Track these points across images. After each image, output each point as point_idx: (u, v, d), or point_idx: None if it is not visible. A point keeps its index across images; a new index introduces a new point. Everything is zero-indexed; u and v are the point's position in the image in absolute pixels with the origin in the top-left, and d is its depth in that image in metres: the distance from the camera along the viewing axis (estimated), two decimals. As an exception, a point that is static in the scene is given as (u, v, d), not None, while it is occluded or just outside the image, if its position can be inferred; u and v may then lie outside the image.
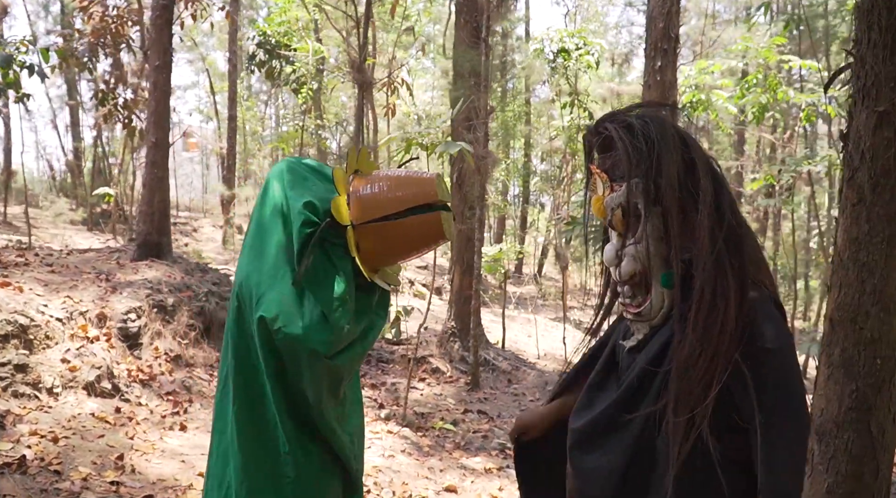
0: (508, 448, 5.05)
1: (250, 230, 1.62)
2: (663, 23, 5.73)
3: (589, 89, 14.12)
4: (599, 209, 1.52)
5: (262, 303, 1.49)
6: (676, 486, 1.32)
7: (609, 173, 1.52)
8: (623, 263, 1.51)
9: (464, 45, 6.55)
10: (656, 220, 1.48)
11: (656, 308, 1.51)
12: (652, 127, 1.47)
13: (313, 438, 1.62)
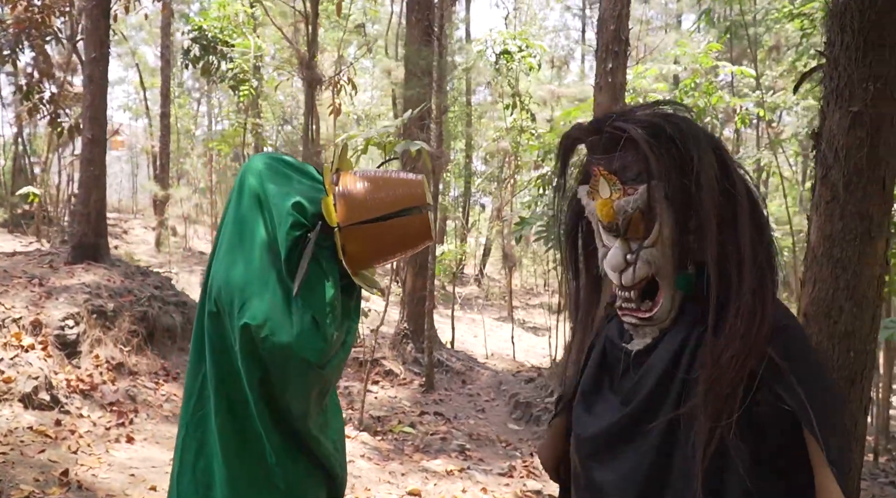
0: (468, 449, 5.02)
1: (226, 231, 1.51)
2: (614, 25, 5.83)
3: (530, 91, 14.29)
4: (607, 212, 1.46)
5: (247, 309, 1.39)
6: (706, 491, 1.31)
7: (619, 175, 1.48)
8: (634, 268, 1.46)
9: (416, 43, 6.49)
10: (672, 223, 1.44)
11: (666, 311, 1.49)
12: (683, 127, 1.43)
13: (299, 448, 1.54)
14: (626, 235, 1.47)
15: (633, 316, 1.52)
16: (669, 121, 1.43)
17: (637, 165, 1.43)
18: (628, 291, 1.49)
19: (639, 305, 1.50)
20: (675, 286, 1.48)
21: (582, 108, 8.97)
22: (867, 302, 2.34)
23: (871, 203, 2.31)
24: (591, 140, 1.52)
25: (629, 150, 1.43)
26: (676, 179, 1.40)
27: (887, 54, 2.26)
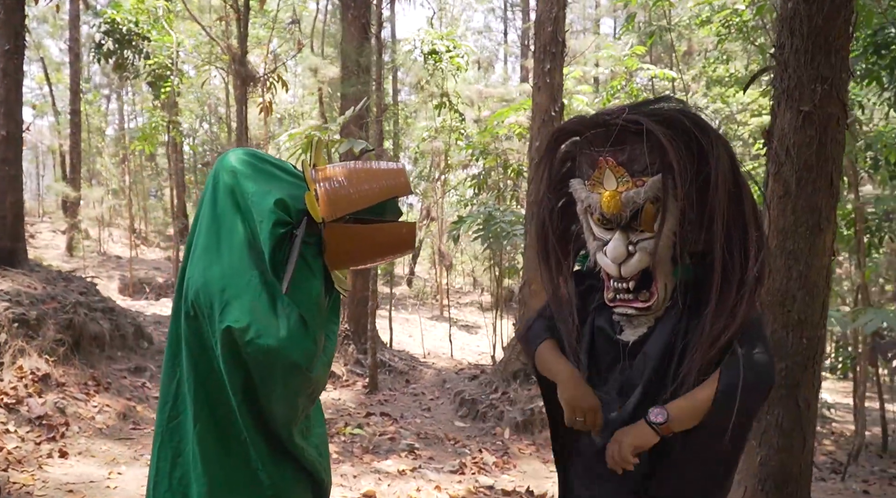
0: (417, 448, 5.01)
1: (202, 231, 1.43)
2: (551, 27, 5.95)
3: (458, 91, 14.38)
4: (614, 204, 1.50)
5: (229, 312, 1.32)
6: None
7: (627, 167, 1.51)
8: (635, 259, 1.51)
9: (354, 40, 6.41)
10: (678, 214, 1.49)
11: (661, 301, 1.54)
12: (699, 121, 1.48)
13: (284, 454, 1.49)
14: (629, 227, 1.51)
15: (630, 307, 1.56)
16: (686, 114, 1.47)
17: (645, 157, 1.47)
18: (625, 282, 1.53)
19: (636, 296, 1.55)
20: (672, 276, 1.54)
21: (514, 108, 9.13)
22: (818, 291, 2.50)
23: (820, 197, 2.46)
24: (594, 133, 1.56)
25: (638, 142, 1.47)
26: (690, 172, 1.45)
27: (833, 58, 2.41)
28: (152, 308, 10.75)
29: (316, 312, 1.44)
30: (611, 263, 1.52)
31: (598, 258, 1.57)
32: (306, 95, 21.40)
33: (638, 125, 1.45)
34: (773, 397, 2.53)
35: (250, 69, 6.30)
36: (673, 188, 1.44)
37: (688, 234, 1.50)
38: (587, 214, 1.58)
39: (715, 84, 14.67)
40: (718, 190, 1.43)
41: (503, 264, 9.37)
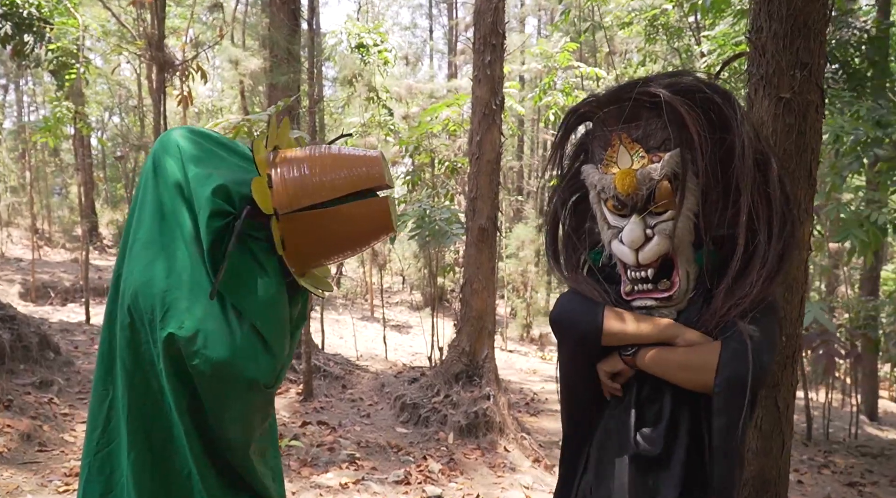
0: (358, 458, 4.73)
1: (142, 223, 1.20)
2: (491, 18, 5.79)
3: (386, 86, 14.11)
4: (629, 183, 1.35)
5: (172, 317, 1.12)
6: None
7: (642, 143, 1.36)
8: (652, 243, 1.36)
9: (285, 27, 6.02)
10: (698, 193, 1.36)
11: (683, 291, 1.39)
12: (720, 91, 1.36)
13: (235, 485, 1.26)
14: (644, 209, 1.36)
15: (650, 298, 1.41)
16: (703, 82, 1.36)
17: (663, 132, 1.34)
18: (644, 270, 1.40)
19: (655, 286, 1.40)
20: (695, 263, 1.40)
21: (447, 104, 8.94)
22: (797, 286, 2.39)
23: (798, 188, 2.35)
24: (606, 111, 1.41)
25: (653, 117, 1.35)
26: (711, 144, 1.32)
27: (812, 42, 2.31)
28: (58, 314, 9.96)
29: (271, 320, 1.23)
30: (627, 249, 1.39)
31: (614, 247, 1.43)
32: (225, 89, 20.58)
33: (653, 98, 1.33)
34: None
35: (167, 55, 5.82)
36: (692, 163, 1.32)
37: (710, 215, 1.36)
38: (601, 201, 1.44)
39: (637, 84, 15.00)
40: (745, 158, 1.31)
41: (436, 263, 9.19)
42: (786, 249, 1.37)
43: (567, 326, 1.47)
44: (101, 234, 18.34)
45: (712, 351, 1.32)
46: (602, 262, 1.53)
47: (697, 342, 1.35)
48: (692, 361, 1.33)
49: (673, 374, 1.36)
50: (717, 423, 1.32)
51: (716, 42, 7.83)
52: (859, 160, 6.50)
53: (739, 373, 1.29)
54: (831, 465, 6.68)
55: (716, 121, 1.35)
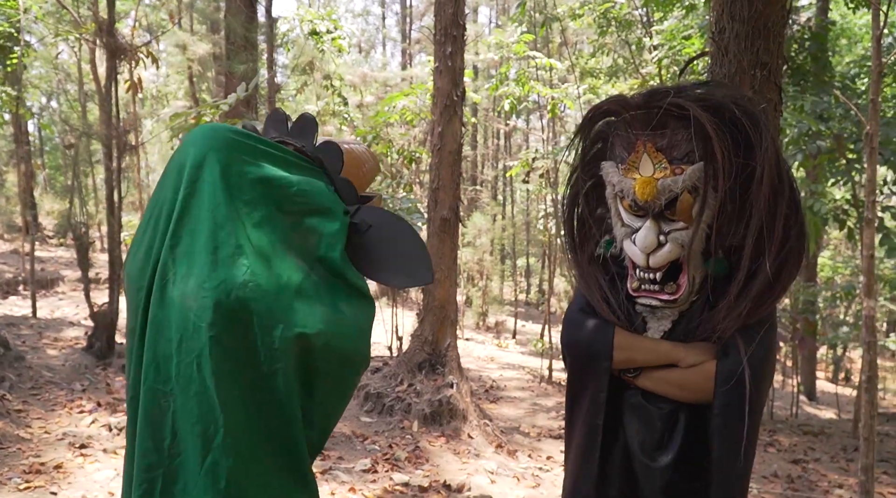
0: (324, 448, 4.74)
1: (223, 223, 1.10)
2: (452, 9, 5.81)
3: (339, 73, 13.97)
4: (650, 191, 1.40)
5: (295, 317, 1.09)
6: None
7: (666, 153, 1.40)
8: (665, 249, 1.41)
9: (242, 13, 5.92)
10: (714, 207, 1.40)
11: (688, 294, 1.46)
12: (749, 110, 1.39)
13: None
14: (660, 215, 1.41)
15: (656, 298, 1.48)
16: (737, 104, 1.39)
17: (688, 144, 1.38)
18: (653, 273, 1.46)
19: (662, 287, 1.46)
20: (703, 269, 1.47)
21: (406, 93, 8.93)
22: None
23: (758, 183, 2.49)
24: (633, 114, 1.44)
25: (680, 128, 1.39)
26: (733, 164, 1.36)
27: (771, 43, 2.44)
28: (0, 308, 9.58)
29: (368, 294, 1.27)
30: (639, 252, 1.44)
31: (626, 246, 1.48)
32: (171, 74, 19.99)
33: (682, 110, 1.36)
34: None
35: (120, 41, 5.65)
36: (714, 179, 1.37)
37: (724, 228, 1.42)
38: (617, 199, 1.49)
39: (587, 75, 15.29)
40: (763, 186, 1.36)
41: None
42: (783, 273, 1.42)
43: (578, 351, 1.54)
44: (41, 224, 17.66)
45: (709, 374, 1.40)
46: (611, 252, 1.58)
47: (697, 363, 1.42)
48: (691, 383, 1.41)
49: (673, 393, 1.44)
50: (715, 444, 1.39)
51: (665, 37, 8.02)
52: (801, 152, 6.80)
53: (736, 396, 1.37)
54: (776, 443, 7.01)
55: (741, 142, 1.38)
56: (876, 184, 4.09)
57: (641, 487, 1.43)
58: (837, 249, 17.60)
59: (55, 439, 4.38)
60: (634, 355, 1.47)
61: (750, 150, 1.39)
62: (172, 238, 1.10)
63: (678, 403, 1.45)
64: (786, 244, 1.42)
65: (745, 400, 1.37)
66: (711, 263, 1.46)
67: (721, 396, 1.39)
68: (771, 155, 1.38)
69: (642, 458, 1.44)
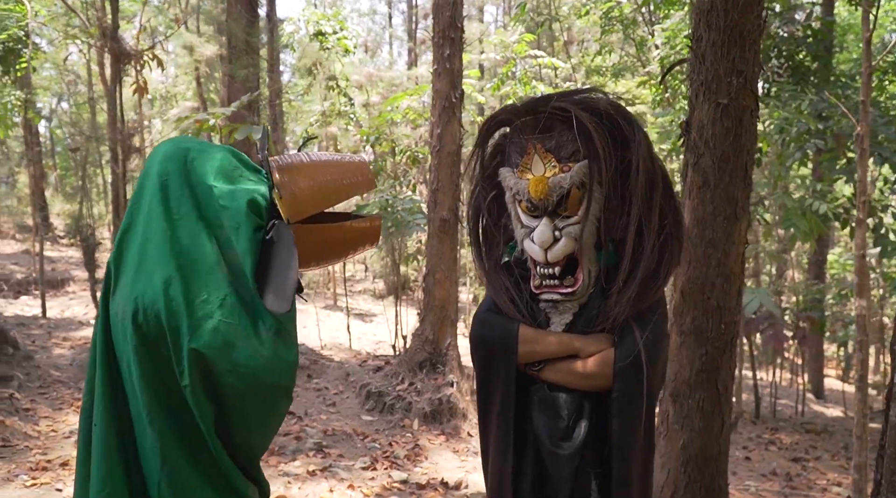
0: (325, 446, 4.84)
1: (150, 237, 1.20)
2: (450, 11, 5.87)
3: (346, 74, 14.04)
4: (542, 189, 1.51)
5: (200, 333, 1.13)
6: None
7: (554, 153, 1.50)
8: (560, 244, 1.52)
9: (242, 18, 6.01)
10: (602, 199, 1.51)
11: (585, 286, 1.55)
12: (621, 109, 1.51)
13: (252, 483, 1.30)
14: (554, 213, 1.51)
15: (556, 292, 1.58)
16: (611, 104, 1.52)
17: (573, 144, 1.51)
18: (552, 268, 1.56)
19: (561, 282, 1.56)
20: (597, 262, 1.58)
21: (409, 93, 8.99)
22: (734, 277, 2.59)
23: (736, 188, 2.54)
24: (524, 120, 1.56)
25: (565, 129, 1.51)
26: (613, 159, 1.48)
27: (747, 51, 2.49)
28: (11, 308, 9.74)
29: (294, 322, 1.29)
30: (538, 248, 1.54)
31: (526, 245, 1.58)
32: (179, 75, 20.14)
33: (566, 113, 1.48)
34: (694, 381, 2.62)
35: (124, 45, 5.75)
36: (598, 174, 1.49)
37: (611, 220, 1.53)
38: (515, 202, 1.61)
39: (593, 73, 15.28)
40: (639, 176, 1.49)
41: (399, 252, 9.27)
42: (664, 258, 1.53)
43: (484, 346, 1.64)
44: (52, 224, 17.89)
45: (608, 360, 1.50)
46: (515, 255, 1.68)
47: (596, 352, 1.53)
48: (591, 371, 1.51)
49: (576, 383, 1.53)
50: (614, 424, 1.49)
51: (668, 35, 8.04)
52: (802, 151, 6.81)
53: (633, 379, 1.48)
54: (777, 441, 7.03)
55: (618, 138, 1.51)
56: (867, 184, 4.12)
57: (551, 476, 1.52)
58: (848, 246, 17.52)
59: (62, 437, 4.49)
60: (537, 348, 1.56)
61: (626, 146, 1.51)
62: (117, 249, 1.20)
63: (583, 393, 1.54)
64: (663, 231, 1.53)
65: (643, 381, 1.47)
66: (603, 254, 1.57)
67: (619, 379, 1.48)
68: (644, 149, 1.50)
69: (551, 447, 1.53)
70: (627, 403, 1.49)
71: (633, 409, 1.49)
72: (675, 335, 2.63)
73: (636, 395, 1.49)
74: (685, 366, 2.61)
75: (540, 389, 1.58)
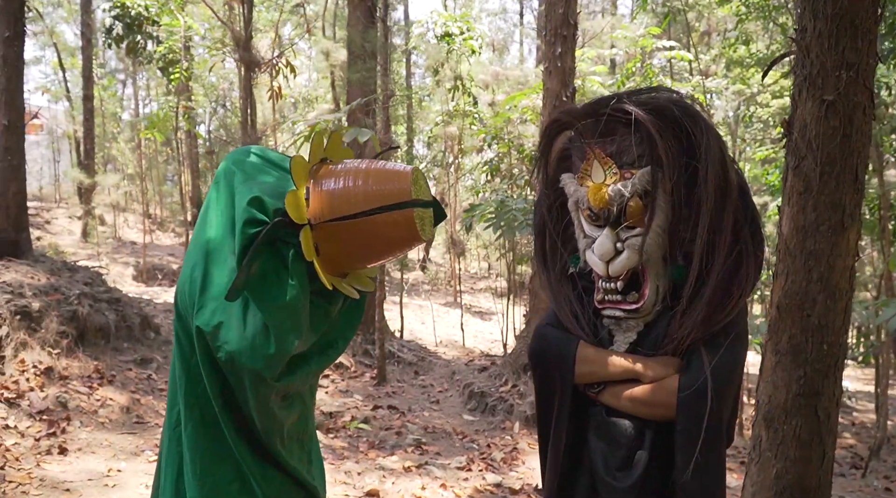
0: (424, 443, 4.91)
1: (194, 235, 1.40)
2: (563, 9, 5.74)
3: (471, 74, 14.15)
4: (601, 198, 1.40)
5: (203, 312, 1.28)
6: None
7: (615, 159, 1.40)
8: (622, 257, 1.40)
9: (360, 24, 6.24)
10: (668, 209, 1.39)
11: (651, 303, 1.43)
12: (691, 112, 1.38)
13: (269, 461, 1.40)
14: (617, 223, 1.41)
15: (619, 308, 1.46)
16: (677, 104, 1.38)
17: (636, 149, 1.38)
18: (614, 282, 1.44)
19: (625, 297, 1.44)
20: (665, 276, 1.45)
21: (527, 92, 8.91)
22: (840, 293, 2.32)
23: (843, 193, 2.28)
24: (584, 124, 1.45)
25: (628, 133, 1.38)
26: (679, 165, 1.35)
27: (859, 41, 2.22)
28: (165, 295, 10.76)
29: (286, 319, 1.33)
30: (598, 260, 1.44)
31: (587, 257, 1.48)
32: (321, 79, 21.28)
33: (627, 115, 1.36)
34: (791, 407, 2.38)
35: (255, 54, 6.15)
36: (662, 182, 1.36)
37: (680, 232, 1.39)
38: (577, 210, 1.50)
39: (735, 65, 14.35)
40: (707, 184, 1.34)
41: (517, 251, 9.22)
42: (738, 275, 1.37)
43: (544, 363, 1.53)
44: (205, 219, 19.49)
45: (671, 388, 1.36)
46: (580, 266, 1.58)
47: (660, 378, 1.39)
48: (653, 399, 1.38)
49: (636, 410, 1.40)
50: (678, 460, 1.35)
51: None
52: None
53: (697, 411, 1.33)
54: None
55: (685, 143, 1.37)
56: None
57: None
58: None
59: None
60: (596, 369, 1.44)
61: (693, 150, 1.36)
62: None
63: (644, 421, 1.40)
64: (737, 246, 1.37)
65: (706, 414, 1.31)
66: (670, 269, 1.42)
67: (682, 411, 1.34)
68: (714, 154, 1.34)
69: (605, 476, 1.40)
70: (691, 438, 1.35)
71: (697, 444, 1.34)
72: (770, 354, 2.40)
73: (699, 429, 1.34)
74: (780, 388, 2.37)
75: (598, 412, 1.47)
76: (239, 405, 1.32)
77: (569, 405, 1.47)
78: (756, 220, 1.41)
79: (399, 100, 17.97)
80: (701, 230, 1.34)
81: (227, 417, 1.32)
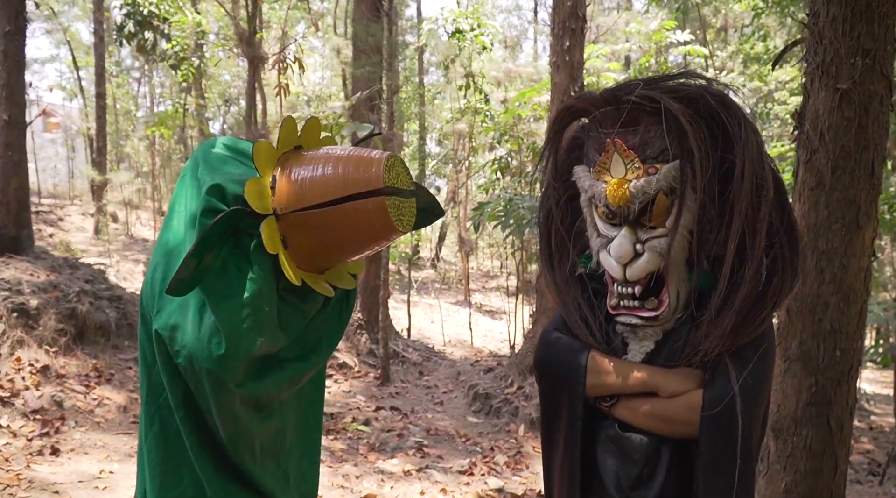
0: (426, 445, 4.80)
1: (159, 234, 1.32)
2: (571, 2, 5.60)
3: (483, 71, 14.01)
4: (622, 194, 1.25)
5: (161, 314, 1.18)
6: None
7: (638, 152, 1.25)
8: (642, 260, 1.26)
9: (365, 19, 6.14)
10: (696, 208, 1.25)
11: (671, 311, 1.29)
12: (726, 101, 1.23)
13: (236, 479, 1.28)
14: (637, 222, 1.27)
15: (635, 315, 1.31)
16: (710, 93, 1.23)
17: (662, 141, 1.23)
18: (630, 287, 1.30)
19: (642, 303, 1.30)
20: (688, 282, 1.30)
21: (537, 89, 8.76)
22: (854, 296, 2.18)
23: (858, 189, 2.14)
24: (603, 111, 1.30)
25: (653, 124, 1.23)
26: (712, 160, 1.21)
27: (876, 26, 2.07)
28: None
29: (246, 316, 1.19)
30: (615, 263, 1.29)
31: (602, 258, 1.34)
32: (333, 76, 21.25)
33: (654, 103, 1.21)
34: (801, 416, 2.25)
35: (259, 50, 6.07)
36: (692, 178, 1.21)
37: (707, 234, 1.25)
38: (591, 207, 1.34)
39: (752, 61, 14.10)
40: (744, 181, 1.20)
41: (527, 250, 9.08)
42: (773, 283, 1.23)
43: (551, 373, 1.41)
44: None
45: (693, 405, 1.23)
46: (591, 267, 1.44)
47: (681, 392, 1.26)
48: (672, 415, 1.25)
49: (653, 427, 1.27)
50: (700, 484, 1.22)
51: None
52: None
53: (725, 432, 1.20)
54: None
55: (720, 136, 1.23)
56: None
57: None
58: None
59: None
60: (609, 380, 1.31)
61: (728, 143, 1.22)
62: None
63: (660, 437, 1.28)
64: (772, 249, 1.23)
65: (737, 436, 1.18)
66: (695, 274, 1.28)
67: (706, 431, 1.21)
68: (752, 148, 1.20)
69: (617, 496, 1.28)
70: (715, 461, 1.22)
71: (725, 470, 1.21)
72: (780, 360, 2.26)
73: (728, 452, 1.21)
74: (790, 396, 2.24)
75: (609, 425, 1.34)
76: (203, 415, 1.22)
77: (580, 419, 1.33)
78: (793, 223, 1.27)
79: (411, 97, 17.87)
80: (734, 232, 1.21)
81: (190, 427, 1.22)
